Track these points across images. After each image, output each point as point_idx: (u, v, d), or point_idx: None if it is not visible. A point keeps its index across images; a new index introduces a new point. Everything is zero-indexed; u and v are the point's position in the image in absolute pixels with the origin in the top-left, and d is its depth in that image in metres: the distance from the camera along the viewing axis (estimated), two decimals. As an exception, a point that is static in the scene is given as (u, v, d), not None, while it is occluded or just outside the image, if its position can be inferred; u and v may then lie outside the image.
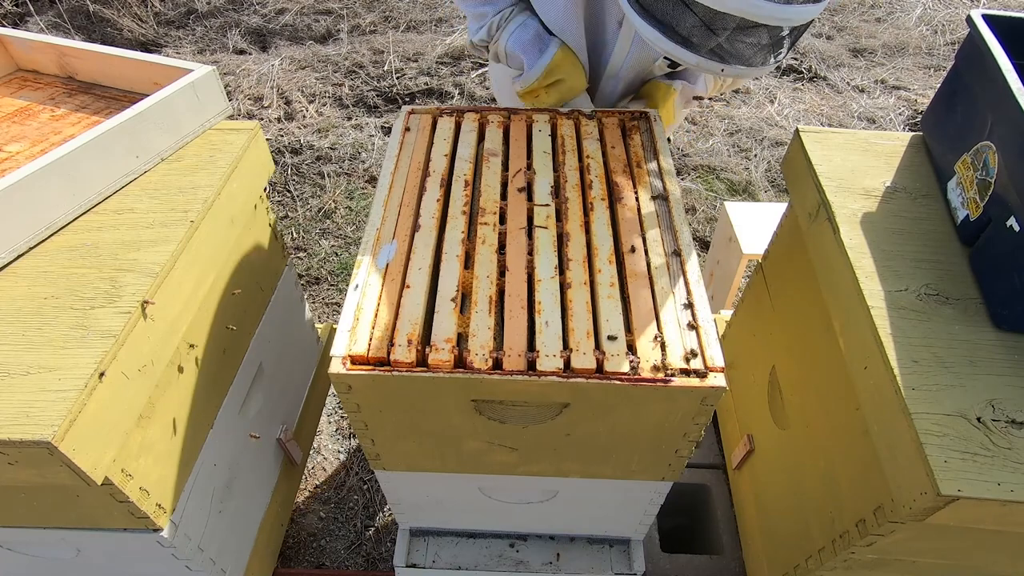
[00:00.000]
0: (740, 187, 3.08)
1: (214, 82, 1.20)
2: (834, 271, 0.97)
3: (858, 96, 3.68)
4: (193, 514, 1.07)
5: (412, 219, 0.94)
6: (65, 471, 0.77)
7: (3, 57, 1.34)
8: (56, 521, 0.99)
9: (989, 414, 0.76)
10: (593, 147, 1.08)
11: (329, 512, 1.95)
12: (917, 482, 0.74)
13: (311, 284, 2.62)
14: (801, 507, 1.10)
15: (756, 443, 1.33)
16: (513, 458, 0.93)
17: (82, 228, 1.01)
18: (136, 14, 4.09)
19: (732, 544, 1.43)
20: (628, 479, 0.98)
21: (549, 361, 0.76)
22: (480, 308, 0.82)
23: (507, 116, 1.15)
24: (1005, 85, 0.88)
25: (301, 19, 4.15)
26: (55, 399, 0.76)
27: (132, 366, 0.86)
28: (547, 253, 0.90)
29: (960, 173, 0.99)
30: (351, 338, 0.78)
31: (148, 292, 0.89)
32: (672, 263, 0.88)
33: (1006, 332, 0.85)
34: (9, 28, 1.51)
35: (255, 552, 1.32)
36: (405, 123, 1.12)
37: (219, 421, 1.15)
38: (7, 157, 1.10)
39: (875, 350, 0.84)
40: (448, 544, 1.24)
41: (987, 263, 0.90)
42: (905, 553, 0.94)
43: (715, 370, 0.76)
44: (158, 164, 1.13)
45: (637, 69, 1.24)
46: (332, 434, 2.14)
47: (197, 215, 1.02)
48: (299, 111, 3.44)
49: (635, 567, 1.21)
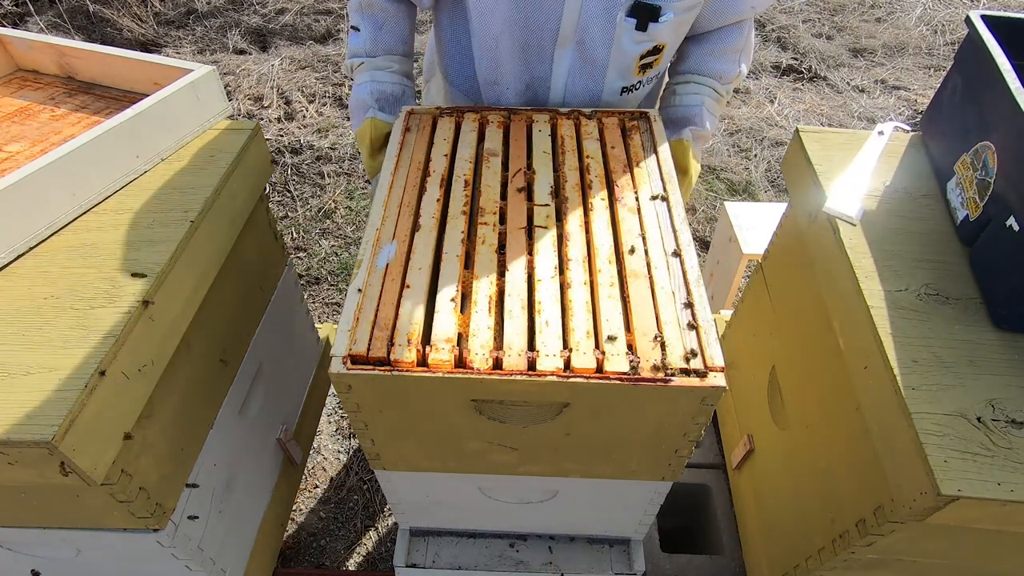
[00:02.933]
0: (740, 187, 3.08)
1: (214, 82, 1.20)
2: (834, 271, 0.97)
3: (858, 96, 3.68)
4: (193, 514, 1.07)
5: (412, 219, 0.94)
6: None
7: (3, 57, 1.34)
8: (56, 521, 0.99)
9: (989, 414, 0.76)
10: (593, 147, 1.08)
11: (329, 512, 1.95)
12: (917, 482, 0.74)
13: (311, 284, 2.62)
14: (801, 507, 1.10)
15: (756, 443, 1.33)
16: (513, 458, 0.93)
17: (82, 228, 1.01)
18: (136, 14, 4.10)
19: (732, 544, 1.43)
20: (628, 479, 0.98)
21: (549, 361, 0.76)
22: (480, 308, 0.82)
23: (507, 116, 1.15)
24: (1004, 85, 0.88)
25: (301, 19, 4.15)
26: (55, 399, 0.76)
27: (132, 366, 0.86)
28: (547, 253, 0.90)
29: (960, 173, 0.99)
30: (351, 338, 0.78)
31: (148, 292, 0.89)
32: (672, 263, 0.88)
33: (1006, 332, 0.85)
34: (9, 28, 1.51)
35: (255, 552, 1.32)
36: (405, 123, 1.12)
37: (219, 421, 1.15)
38: (7, 157, 1.10)
39: (875, 350, 0.84)
40: (448, 544, 1.24)
41: (987, 263, 0.90)
42: (905, 553, 0.94)
43: (715, 370, 0.76)
44: (158, 164, 1.13)
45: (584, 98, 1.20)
46: (332, 434, 2.14)
47: (197, 215, 1.02)
48: (299, 111, 3.44)
49: (635, 567, 1.21)
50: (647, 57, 1.15)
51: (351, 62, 1.23)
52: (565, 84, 1.18)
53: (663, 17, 1.08)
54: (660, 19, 1.08)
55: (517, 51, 1.14)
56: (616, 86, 1.19)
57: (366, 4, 1.17)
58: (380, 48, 1.20)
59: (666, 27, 1.10)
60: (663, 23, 1.09)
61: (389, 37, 1.20)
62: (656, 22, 1.08)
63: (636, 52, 1.13)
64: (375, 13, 1.18)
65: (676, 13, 1.08)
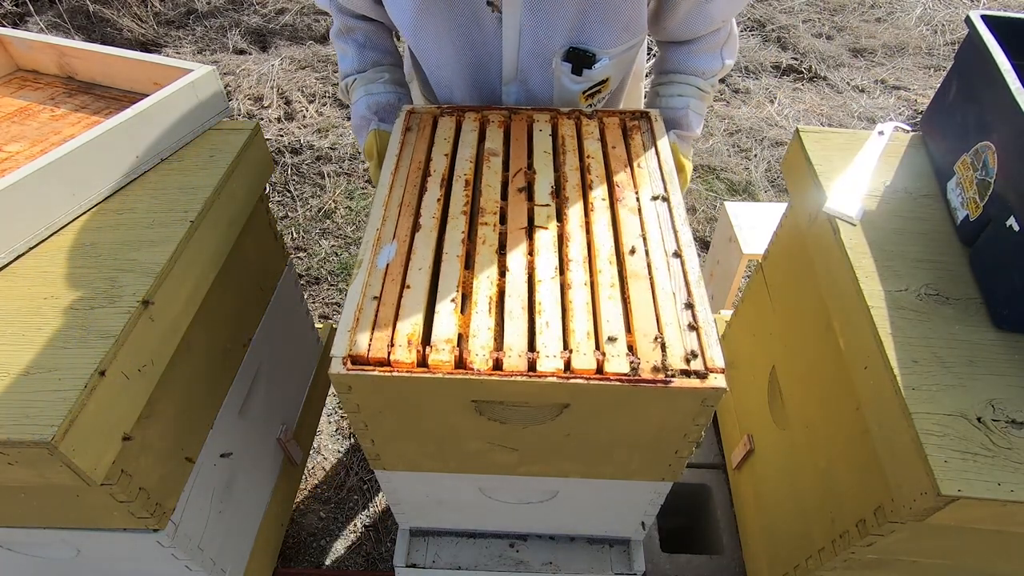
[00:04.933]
0: (740, 187, 3.08)
1: (214, 82, 1.20)
2: (834, 271, 0.97)
3: (858, 96, 3.68)
4: (193, 514, 1.07)
5: (412, 219, 0.94)
6: (65, 471, 0.77)
7: (3, 57, 1.34)
8: (56, 521, 0.99)
9: (989, 414, 0.76)
10: (594, 147, 1.08)
11: (329, 512, 1.95)
12: (917, 482, 0.74)
13: (311, 284, 2.62)
14: (801, 507, 1.10)
15: (756, 443, 1.33)
16: (513, 458, 0.93)
17: (82, 228, 1.01)
18: (136, 14, 4.09)
19: (732, 544, 1.43)
20: (628, 479, 0.98)
21: (549, 362, 0.76)
22: (480, 308, 0.82)
23: (508, 116, 1.15)
24: (1004, 86, 0.88)
25: (301, 19, 4.14)
26: (55, 399, 0.76)
27: (132, 366, 0.86)
28: (547, 253, 0.90)
29: (960, 173, 0.99)
30: (351, 338, 0.78)
31: (148, 292, 0.89)
32: (673, 264, 0.88)
33: (1006, 332, 0.85)
34: (9, 28, 1.51)
35: (255, 552, 1.32)
36: (406, 123, 1.12)
37: (219, 421, 1.15)
38: (7, 157, 1.10)
39: (875, 350, 0.84)
40: (448, 544, 1.24)
41: (987, 263, 0.90)
42: (905, 553, 0.94)
43: (715, 371, 0.76)
44: (158, 164, 1.13)
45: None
46: (332, 434, 2.14)
47: (197, 215, 1.02)
48: (299, 111, 3.43)
49: (635, 567, 1.21)
50: (592, 89, 1.16)
51: (345, 83, 1.24)
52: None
53: (598, 64, 1.08)
54: (594, 67, 1.09)
55: (469, 86, 1.18)
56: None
57: (345, 29, 1.20)
58: (368, 62, 1.22)
59: (602, 71, 1.11)
60: (598, 69, 1.09)
61: (373, 52, 1.22)
62: (590, 69, 1.09)
63: (577, 90, 1.15)
64: (355, 35, 1.20)
65: (612, 58, 1.09)
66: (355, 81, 1.22)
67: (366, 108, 1.20)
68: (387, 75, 1.23)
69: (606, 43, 1.06)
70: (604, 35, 1.05)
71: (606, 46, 1.07)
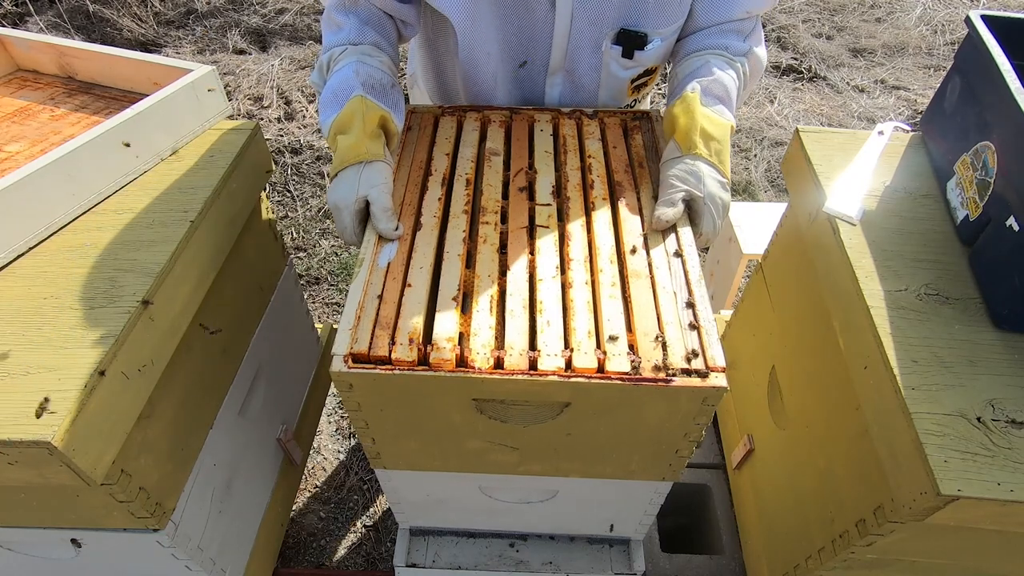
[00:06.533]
0: (740, 187, 3.08)
1: (214, 82, 1.20)
2: (834, 271, 0.97)
3: (858, 96, 3.68)
4: (193, 514, 1.07)
5: (413, 218, 0.94)
6: (65, 471, 0.77)
7: (3, 57, 1.33)
8: (56, 521, 0.99)
9: (989, 414, 0.76)
10: (595, 147, 1.08)
11: (329, 512, 1.95)
12: (917, 482, 0.74)
13: (311, 284, 2.62)
14: (801, 507, 1.10)
15: (756, 443, 1.33)
16: (514, 457, 0.93)
17: (82, 228, 1.00)
18: (136, 14, 4.09)
19: (732, 544, 1.43)
20: (628, 479, 0.98)
21: (550, 361, 0.76)
22: (481, 307, 0.82)
23: (509, 116, 1.15)
24: (1004, 85, 0.88)
25: (301, 19, 4.14)
26: (55, 399, 0.76)
27: (132, 366, 0.86)
28: (548, 253, 0.90)
29: (960, 173, 0.99)
30: (352, 337, 0.78)
31: (148, 292, 0.89)
32: (674, 263, 0.88)
33: (1006, 332, 0.85)
34: (9, 28, 1.51)
35: (255, 552, 1.31)
36: (407, 122, 1.12)
37: (219, 421, 1.15)
38: (7, 157, 1.10)
39: (875, 350, 0.84)
40: (448, 544, 1.24)
41: (987, 263, 0.90)
42: (905, 553, 0.94)
43: (716, 370, 0.76)
44: (158, 164, 1.13)
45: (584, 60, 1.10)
46: (332, 434, 2.14)
47: (197, 215, 1.02)
48: (299, 111, 3.43)
49: (635, 567, 1.21)
50: (640, 79, 1.15)
51: (329, 55, 1.03)
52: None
53: (650, 45, 1.06)
54: (647, 48, 1.07)
55: (510, 81, 1.15)
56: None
57: (350, 3, 1.05)
58: (367, 39, 1.04)
59: (654, 53, 1.09)
60: (650, 51, 1.08)
61: (375, 33, 1.06)
62: (642, 50, 1.07)
63: (626, 77, 1.13)
64: (359, 10, 1.05)
65: (664, 39, 1.07)
66: (344, 51, 1.02)
67: (354, 74, 0.97)
68: (385, 58, 1.04)
69: (659, 22, 1.04)
70: (657, 12, 1.03)
71: (658, 25, 1.05)
